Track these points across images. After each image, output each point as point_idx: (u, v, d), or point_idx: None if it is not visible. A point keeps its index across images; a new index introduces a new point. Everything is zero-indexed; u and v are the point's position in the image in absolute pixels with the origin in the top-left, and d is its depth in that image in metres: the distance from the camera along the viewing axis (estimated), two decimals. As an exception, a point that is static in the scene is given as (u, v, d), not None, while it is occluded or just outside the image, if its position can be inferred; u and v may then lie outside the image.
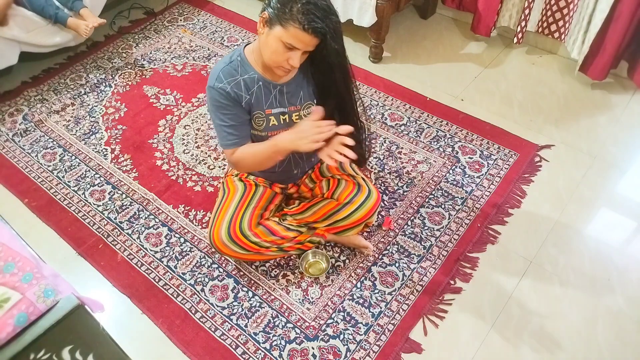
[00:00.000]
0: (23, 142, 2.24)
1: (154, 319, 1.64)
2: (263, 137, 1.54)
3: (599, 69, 2.33)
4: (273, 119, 1.52)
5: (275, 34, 1.30)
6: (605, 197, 2.00)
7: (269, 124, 1.53)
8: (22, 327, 0.95)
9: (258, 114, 1.50)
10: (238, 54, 1.47)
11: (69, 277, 1.40)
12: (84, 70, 2.61)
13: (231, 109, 1.44)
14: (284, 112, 1.53)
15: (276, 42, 1.31)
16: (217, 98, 1.43)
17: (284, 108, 1.52)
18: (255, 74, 1.46)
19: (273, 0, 1.30)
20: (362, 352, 1.55)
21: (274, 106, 1.51)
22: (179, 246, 1.84)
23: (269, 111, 1.51)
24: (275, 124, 1.53)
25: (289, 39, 1.28)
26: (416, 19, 2.92)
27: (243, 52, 1.47)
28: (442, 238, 1.85)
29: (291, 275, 1.75)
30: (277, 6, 1.27)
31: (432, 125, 2.27)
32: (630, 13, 2.14)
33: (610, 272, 1.76)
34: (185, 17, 2.96)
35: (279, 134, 1.46)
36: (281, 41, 1.30)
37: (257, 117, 1.51)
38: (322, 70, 1.44)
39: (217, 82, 1.42)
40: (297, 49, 1.31)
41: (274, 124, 1.53)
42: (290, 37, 1.28)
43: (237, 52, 1.48)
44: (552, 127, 2.26)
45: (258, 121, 1.52)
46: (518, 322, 1.63)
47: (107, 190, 2.04)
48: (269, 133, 1.54)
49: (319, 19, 1.25)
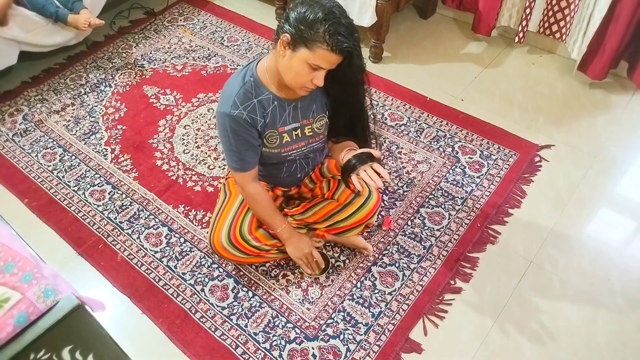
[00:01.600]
0: (23, 142, 2.24)
1: (154, 319, 1.64)
2: (277, 154, 1.53)
3: (599, 68, 2.33)
4: (286, 136, 1.50)
5: (300, 56, 1.26)
6: (605, 197, 2.00)
7: (282, 141, 1.51)
8: (22, 327, 0.95)
9: (271, 133, 1.48)
10: (251, 75, 1.42)
11: (69, 277, 1.40)
12: (84, 70, 2.61)
13: (244, 134, 1.41)
14: (296, 127, 1.51)
15: (301, 64, 1.27)
16: (232, 125, 1.39)
17: (297, 123, 1.50)
18: (270, 94, 1.42)
19: (293, 21, 1.25)
20: (362, 352, 1.55)
21: (287, 123, 1.48)
22: (179, 246, 1.84)
23: (282, 129, 1.49)
24: (288, 141, 1.51)
25: (316, 60, 1.25)
26: (416, 19, 2.92)
27: (255, 71, 1.42)
28: (442, 238, 1.85)
29: (291, 275, 1.75)
30: (301, 28, 1.23)
31: (432, 125, 2.27)
32: (630, 13, 2.14)
33: (610, 272, 1.76)
34: (185, 17, 2.96)
35: (293, 237, 1.61)
36: (307, 63, 1.27)
37: (270, 135, 1.48)
38: (342, 86, 1.41)
39: (232, 109, 1.38)
40: (322, 69, 1.29)
41: (287, 141, 1.51)
42: (317, 58, 1.25)
43: (250, 72, 1.43)
44: (552, 127, 2.26)
45: (271, 139, 1.49)
46: (518, 322, 1.63)
47: (107, 190, 2.04)
48: (282, 150, 1.52)
49: (346, 39, 1.22)
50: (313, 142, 1.57)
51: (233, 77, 1.46)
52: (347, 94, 1.44)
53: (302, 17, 1.23)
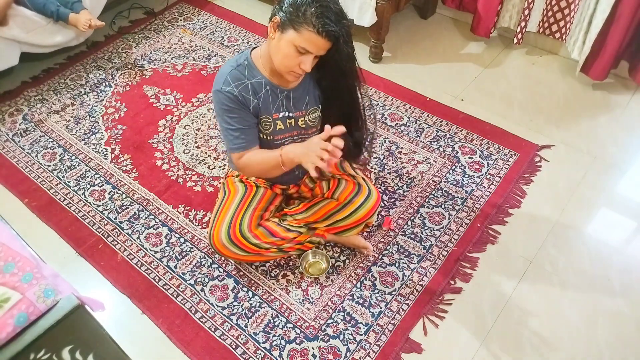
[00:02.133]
0: (23, 142, 2.24)
1: (154, 319, 1.64)
2: (270, 141, 1.55)
3: (600, 69, 2.33)
4: (280, 123, 1.52)
5: (287, 38, 1.30)
6: (605, 197, 2.00)
7: (275, 128, 1.53)
8: (22, 327, 0.95)
9: (265, 118, 1.50)
10: (245, 58, 1.46)
11: (69, 277, 1.40)
12: (84, 70, 2.61)
13: (238, 112, 1.44)
14: (290, 116, 1.53)
15: (289, 46, 1.31)
16: (225, 102, 1.43)
17: (291, 113, 1.53)
18: (263, 78, 1.46)
19: (285, 5, 1.29)
20: (362, 352, 1.55)
21: (280, 110, 1.51)
22: (179, 246, 1.84)
23: (276, 115, 1.51)
24: (282, 128, 1.53)
25: (303, 42, 1.28)
26: (416, 19, 2.92)
27: (250, 56, 1.47)
28: (442, 238, 1.85)
29: (291, 275, 1.74)
30: (290, 10, 1.28)
31: (432, 125, 2.27)
32: (631, 13, 2.14)
33: (610, 272, 1.76)
34: (185, 17, 2.96)
35: (288, 145, 1.46)
36: (294, 45, 1.30)
37: (264, 121, 1.51)
38: (332, 75, 1.43)
39: (224, 86, 1.42)
40: (309, 53, 1.31)
41: (281, 128, 1.53)
42: (304, 40, 1.28)
43: (244, 56, 1.47)
44: (552, 127, 2.26)
45: (265, 125, 1.52)
46: (518, 322, 1.63)
47: (107, 190, 2.04)
48: (276, 137, 1.54)
49: (333, 23, 1.25)
50: (305, 134, 1.59)
51: (228, 61, 1.50)
52: (337, 84, 1.44)
53: (293, 1, 1.28)
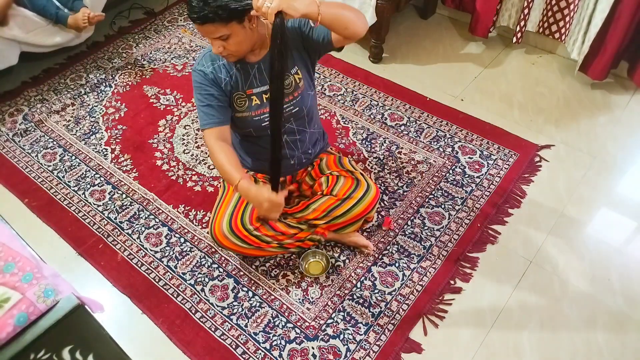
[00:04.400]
0: (23, 142, 2.24)
1: (154, 319, 1.64)
2: (246, 117, 1.56)
3: (599, 69, 2.33)
4: (255, 98, 1.56)
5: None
6: (605, 197, 2.00)
7: (251, 103, 1.56)
8: (22, 327, 0.95)
9: (239, 95, 1.55)
10: None
11: (69, 277, 1.40)
12: (84, 70, 2.61)
13: (208, 89, 1.51)
14: (266, 90, 1.55)
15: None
16: (197, 80, 1.52)
17: (266, 86, 1.54)
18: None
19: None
20: (362, 352, 1.55)
21: (254, 86, 1.54)
22: (179, 246, 1.84)
23: (250, 91, 1.55)
24: (258, 103, 1.56)
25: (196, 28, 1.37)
26: (416, 19, 2.92)
27: None
28: (442, 238, 1.85)
29: (291, 275, 1.75)
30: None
31: (432, 125, 2.27)
32: (631, 13, 2.14)
33: (610, 272, 1.76)
34: (185, 17, 2.96)
35: (246, 182, 1.46)
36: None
37: (238, 97, 1.55)
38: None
39: (198, 66, 1.52)
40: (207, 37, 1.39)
41: (257, 103, 1.56)
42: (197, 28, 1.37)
43: None
44: (552, 127, 2.26)
45: (240, 102, 1.56)
46: (518, 322, 1.63)
47: (107, 190, 2.04)
48: (252, 113, 1.56)
49: (197, 6, 1.29)
50: (284, 103, 1.52)
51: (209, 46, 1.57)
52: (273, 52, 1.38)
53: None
